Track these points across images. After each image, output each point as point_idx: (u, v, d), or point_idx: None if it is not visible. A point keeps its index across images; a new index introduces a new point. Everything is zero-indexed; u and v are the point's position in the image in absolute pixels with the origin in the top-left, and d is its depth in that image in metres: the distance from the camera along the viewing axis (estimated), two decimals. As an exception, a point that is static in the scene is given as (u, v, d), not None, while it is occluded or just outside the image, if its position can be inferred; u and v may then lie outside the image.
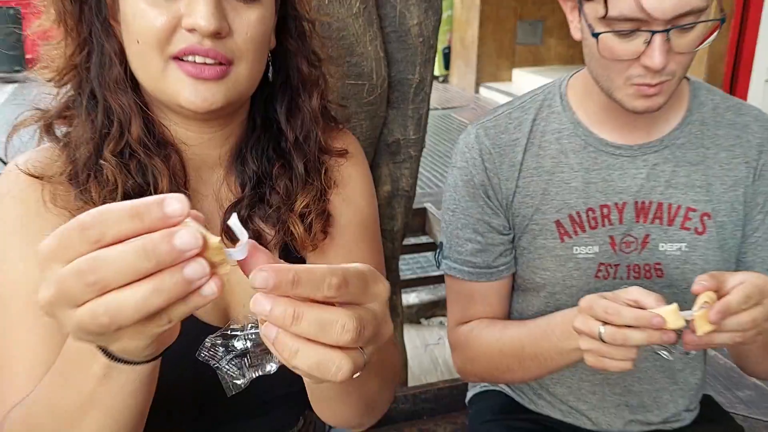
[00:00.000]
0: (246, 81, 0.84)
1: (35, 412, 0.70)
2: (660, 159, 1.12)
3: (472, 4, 8.45)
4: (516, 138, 1.16)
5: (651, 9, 0.90)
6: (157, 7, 0.78)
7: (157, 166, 0.86)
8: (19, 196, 0.84)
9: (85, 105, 0.86)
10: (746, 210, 1.14)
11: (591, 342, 0.91)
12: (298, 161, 0.94)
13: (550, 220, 1.14)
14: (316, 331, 0.49)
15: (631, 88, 0.99)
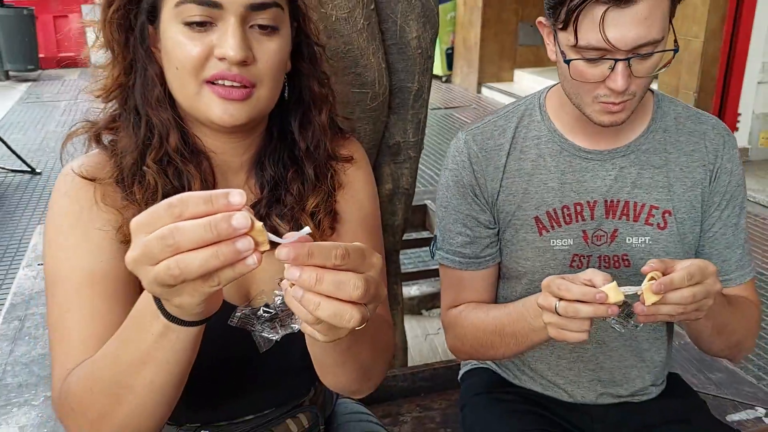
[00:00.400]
0: (266, 101, 0.97)
1: (99, 366, 0.83)
2: (627, 162, 1.26)
3: (475, 6, 8.54)
4: (500, 143, 1.31)
5: (614, 41, 1.04)
6: (193, 40, 0.90)
7: (191, 171, 0.99)
8: (75, 196, 0.97)
9: (131, 120, 0.98)
10: (704, 208, 1.28)
11: (551, 316, 1.04)
12: (309, 167, 1.07)
13: (530, 216, 1.28)
14: (333, 289, 0.63)
15: (598, 105, 1.13)
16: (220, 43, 0.90)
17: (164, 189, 0.96)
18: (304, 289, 0.64)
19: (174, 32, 0.92)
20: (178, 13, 0.90)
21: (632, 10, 1.02)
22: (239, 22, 0.90)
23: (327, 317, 0.64)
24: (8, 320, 2.11)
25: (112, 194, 0.97)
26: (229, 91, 0.92)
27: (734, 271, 1.30)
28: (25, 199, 4.96)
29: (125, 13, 0.95)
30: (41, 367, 1.89)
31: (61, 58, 9.93)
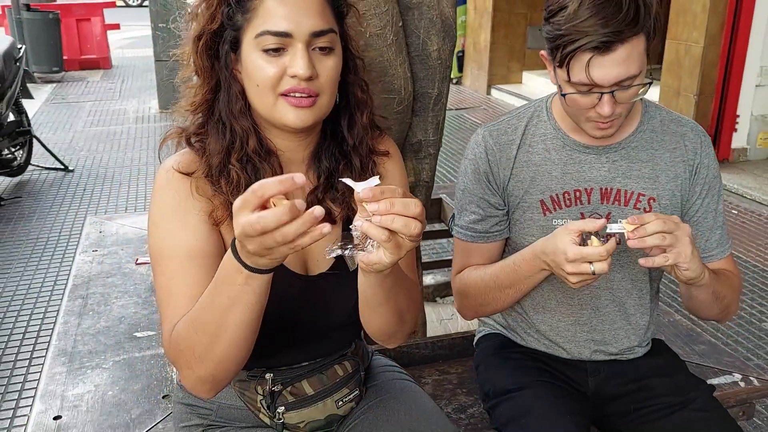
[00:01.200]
0: (326, 107, 1.20)
1: (200, 313, 1.07)
2: (619, 157, 1.51)
3: (485, 11, 8.75)
4: (512, 138, 1.55)
5: (598, 80, 1.29)
6: (270, 63, 1.13)
7: (265, 167, 1.21)
8: (174, 188, 1.19)
9: (218, 127, 1.21)
10: (684, 197, 1.52)
11: (582, 276, 1.27)
12: (356, 160, 1.29)
13: (536, 200, 1.53)
14: (402, 208, 0.90)
15: (591, 123, 1.39)
16: (292, 64, 1.13)
17: (246, 182, 1.17)
18: (381, 214, 0.91)
19: (254, 57, 1.14)
20: (257, 43, 1.13)
21: (613, 55, 1.27)
22: (305, 47, 1.13)
23: (399, 227, 0.90)
24: (72, 298, 2.37)
25: (204, 186, 1.19)
26: (299, 100, 1.15)
27: (716, 248, 1.55)
28: (60, 194, 5.23)
29: (212, 44, 1.18)
30: (107, 336, 2.15)
31: (84, 60, 10.24)
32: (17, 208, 4.94)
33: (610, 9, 1.25)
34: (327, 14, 1.17)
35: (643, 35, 1.29)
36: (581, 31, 1.26)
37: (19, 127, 5.24)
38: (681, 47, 5.29)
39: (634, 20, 1.26)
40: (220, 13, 1.16)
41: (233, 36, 1.17)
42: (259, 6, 1.14)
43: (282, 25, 1.12)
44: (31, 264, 4.08)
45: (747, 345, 3.22)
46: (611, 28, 1.25)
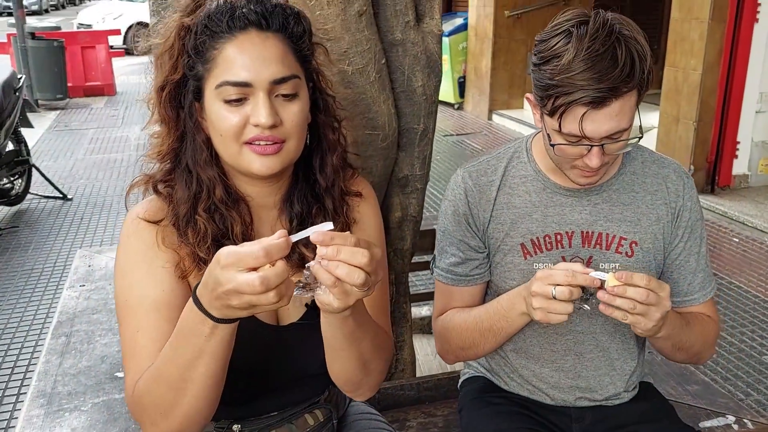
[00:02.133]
0: (293, 152, 1.18)
1: (162, 366, 1.04)
2: (600, 200, 1.48)
3: (485, 37, 8.80)
4: (492, 180, 1.53)
5: (590, 134, 1.27)
6: (232, 113, 1.12)
7: (233, 216, 1.20)
8: (141, 237, 1.18)
9: (184, 176, 1.20)
10: (666, 240, 1.49)
11: (542, 301, 1.25)
12: (328, 202, 1.27)
13: (517, 243, 1.50)
14: (348, 256, 0.91)
15: (576, 170, 1.36)
16: (254, 113, 1.11)
17: (213, 232, 1.17)
18: (328, 259, 0.92)
19: (216, 108, 1.13)
20: (218, 94, 1.12)
21: (606, 110, 1.24)
22: (266, 95, 1.11)
23: (342, 275, 0.91)
24: (56, 336, 2.35)
25: (170, 236, 1.18)
26: (264, 148, 1.13)
27: (698, 291, 1.51)
28: (58, 224, 5.22)
29: (175, 95, 1.17)
30: (87, 377, 2.12)
31: (88, 87, 10.32)
32: (14, 237, 4.94)
33: (606, 63, 1.22)
34: (289, 60, 1.15)
35: (636, 89, 1.26)
36: (575, 84, 1.23)
37: (17, 156, 5.26)
38: (679, 74, 5.27)
39: (630, 75, 1.23)
40: (182, 64, 1.15)
41: (195, 86, 1.16)
42: (218, 56, 1.12)
43: (241, 75, 1.10)
44: (24, 296, 4.05)
45: (747, 379, 3.16)
46: (607, 83, 1.22)
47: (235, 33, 1.12)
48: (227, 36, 1.12)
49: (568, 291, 1.23)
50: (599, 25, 1.25)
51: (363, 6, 1.81)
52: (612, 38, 1.23)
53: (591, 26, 1.25)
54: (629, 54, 1.23)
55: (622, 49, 1.23)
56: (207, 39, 1.13)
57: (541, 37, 1.33)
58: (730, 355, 3.34)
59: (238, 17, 1.12)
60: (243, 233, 1.22)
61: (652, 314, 1.23)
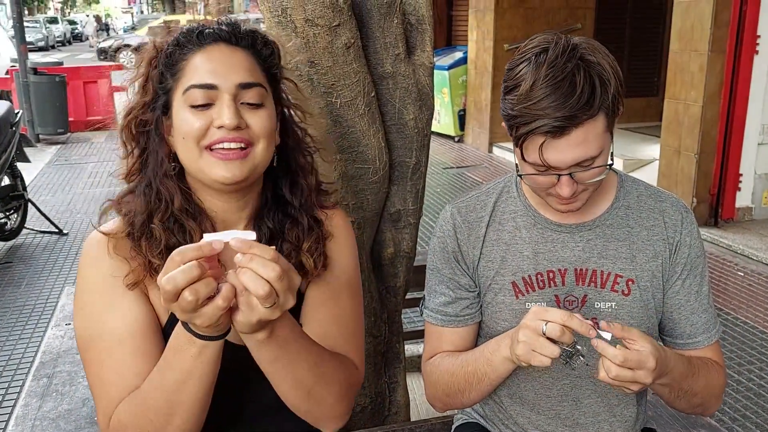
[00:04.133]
0: (261, 158, 1.15)
1: (148, 393, 1.04)
2: (593, 235, 1.41)
3: (485, 71, 8.83)
4: (481, 216, 1.47)
5: (553, 163, 1.21)
6: (196, 116, 1.11)
7: (192, 226, 1.17)
8: (94, 259, 1.16)
9: (143, 189, 1.18)
10: (665, 277, 1.42)
11: (530, 335, 1.18)
12: (302, 218, 1.26)
13: (508, 281, 1.43)
14: (259, 266, 0.90)
15: (552, 198, 1.31)
16: (218, 115, 1.11)
17: (168, 242, 1.15)
18: (240, 266, 0.91)
19: (182, 113, 1.13)
20: (185, 99, 1.12)
21: (567, 139, 1.18)
22: (231, 98, 1.11)
23: (247, 281, 0.91)
24: (37, 377, 2.27)
25: (122, 246, 1.16)
26: (227, 153, 1.11)
27: (701, 333, 1.43)
28: (52, 260, 5.16)
29: (141, 114, 1.18)
30: (67, 422, 2.04)
31: (90, 122, 10.35)
32: (7, 273, 4.87)
33: (564, 90, 1.16)
34: (255, 71, 1.17)
35: (602, 115, 1.20)
36: (533, 114, 1.18)
37: (13, 191, 5.23)
38: (680, 106, 5.24)
39: (589, 103, 1.17)
40: (151, 85, 1.17)
41: (164, 101, 1.17)
42: (186, 65, 1.14)
43: (207, 78, 1.12)
44: (14, 333, 3.98)
45: (755, 420, 3.05)
46: (564, 111, 1.16)
47: (205, 45, 1.15)
48: (196, 48, 1.15)
49: (560, 329, 1.16)
50: (560, 51, 1.20)
51: (351, 38, 1.77)
52: (572, 64, 1.18)
53: (551, 53, 1.20)
54: (589, 80, 1.18)
55: (581, 75, 1.18)
56: (177, 51, 1.15)
57: (509, 65, 1.28)
58: (737, 395, 3.23)
59: (207, 33, 1.16)
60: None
61: (630, 387, 1.18)
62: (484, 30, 8.75)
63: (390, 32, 1.87)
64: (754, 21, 4.90)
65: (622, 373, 1.14)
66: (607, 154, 1.25)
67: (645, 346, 1.16)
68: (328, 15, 1.70)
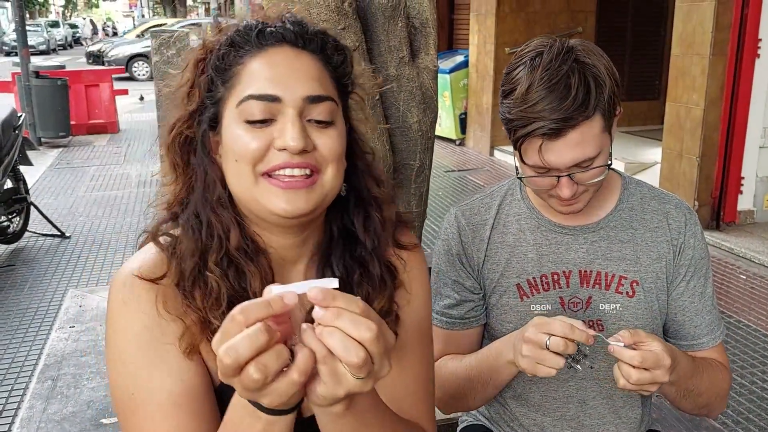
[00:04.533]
0: (330, 187, 0.95)
1: None
2: (597, 237, 1.42)
3: (486, 75, 8.84)
4: (485, 219, 1.47)
5: (552, 164, 1.23)
6: (253, 133, 0.92)
7: (251, 270, 0.96)
8: (139, 307, 0.95)
9: (191, 223, 0.97)
10: (669, 279, 1.42)
11: (532, 349, 1.17)
12: (374, 267, 1.04)
13: (512, 284, 1.44)
14: (349, 325, 0.69)
15: (554, 199, 1.32)
16: (281, 135, 0.91)
17: (228, 292, 0.95)
18: (323, 324, 0.70)
19: (234, 130, 0.93)
20: (240, 113, 0.93)
21: (564, 140, 1.20)
22: (297, 114, 0.92)
23: (337, 346, 0.69)
24: (42, 380, 2.28)
25: (173, 299, 0.95)
26: (289, 182, 0.92)
27: (705, 335, 1.43)
28: (54, 262, 5.16)
29: (187, 136, 0.99)
30: (72, 424, 2.04)
31: (91, 125, 10.37)
32: (9, 276, 4.88)
33: (559, 93, 1.18)
34: (325, 82, 0.97)
35: (599, 115, 1.22)
36: (530, 117, 1.20)
37: (15, 194, 5.24)
38: (681, 109, 5.25)
39: (584, 104, 1.19)
40: (198, 93, 0.98)
41: (212, 113, 0.97)
42: (242, 71, 0.95)
43: (268, 87, 0.92)
44: (17, 336, 3.98)
45: (759, 423, 3.04)
46: (560, 113, 1.18)
47: (266, 47, 0.95)
48: (255, 50, 0.95)
49: (563, 343, 1.16)
50: (554, 54, 1.22)
51: (355, 41, 1.78)
52: (566, 67, 1.20)
53: (545, 56, 1.22)
54: (583, 82, 1.19)
55: (576, 77, 1.19)
56: (231, 53, 0.96)
57: (506, 69, 1.30)
58: (740, 397, 3.23)
59: (269, 33, 0.96)
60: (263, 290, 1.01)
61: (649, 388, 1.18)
62: (486, 34, 8.77)
63: (394, 35, 1.88)
64: (756, 24, 4.91)
65: (641, 375, 1.14)
66: (606, 155, 1.26)
67: (655, 345, 1.17)
68: (333, 18, 1.72)
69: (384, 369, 0.73)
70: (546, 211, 1.44)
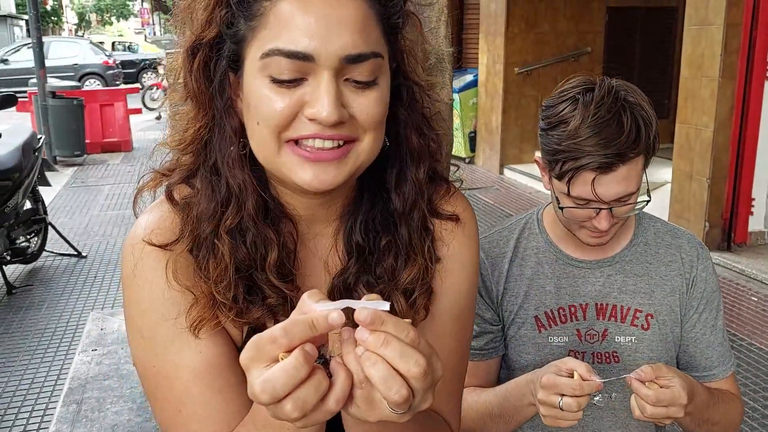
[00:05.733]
0: (367, 155, 0.83)
1: None
2: (613, 271, 1.47)
3: (495, 94, 8.91)
4: (504, 252, 1.52)
5: (600, 196, 1.28)
6: (280, 95, 0.78)
7: (270, 237, 0.86)
8: (152, 276, 0.86)
9: (210, 179, 0.86)
10: (682, 311, 1.46)
11: (550, 410, 1.22)
12: (403, 232, 0.91)
13: (531, 316, 1.48)
14: (396, 355, 0.62)
15: (584, 230, 1.36)
16: (312, 101, 0.77)
17: (238, 262, 0.85)
18: (367, 349, 0.63)
19: (259, 86, 0.79)
20: (264, 66, 0.78)
21: (614, 174, 1.26)
22: (333, 77, 0.77)
23: (376, 377, 0.63)
24: (67, 404, 2.33)
25: (184, 268, 0.86)
26: (317, 153, 0.79)
27: (717, 366, 1.47)
28: (71, 283, 5.23)
29: (208, 62, 0.84)
30: (97, 447, 2.09)
31: (106, 144, 10.51)
32: (28, 296, 4.95)
33: (612, 129, 1.24)
34: (370, 29, 0.80)
35: (644, 153, 1.29)
36: (582, 150, 1.25)
37: (34, 214, 5.33)
38: (691, 131, 5.29)
39: (636, 142, 1.25)
40: (217, 17, 0.82)
41: (233, 50, 0.83)
42: (269, 11, 0.78)
43: (301, 42, 0.76)
44: (36, 357, 4.03)
45: (772, 447, 3.06)
46: (613, 149, 1.24)
47: None
48: None
49: (576, 404, 1.20)
50: (605, 92, 1.28)
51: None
52: (617, 105, 1.26)
53: (597, 93, 1.28)
54: (635, 120, 1.26)
55: (628, 115, 1.26)
56: None
57: (548, 102, 1.36)
58: (753, 422, 3.24)
59: None
60: (282, 264, 0.88)
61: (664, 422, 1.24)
62: (495, 54, 8.85)
63: (413, 71, 1.94)
64: (764, 48, 4.96)
65: (656, 411, 1.19)
66: (640, 191, 1.33)
67: (675, 381, 1.21)
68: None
69: (425, 403, 0.67)
70: (563, 244, 1.49)
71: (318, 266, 0.94)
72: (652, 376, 1.22)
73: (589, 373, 1.21)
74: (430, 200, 0.94)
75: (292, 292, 0.87)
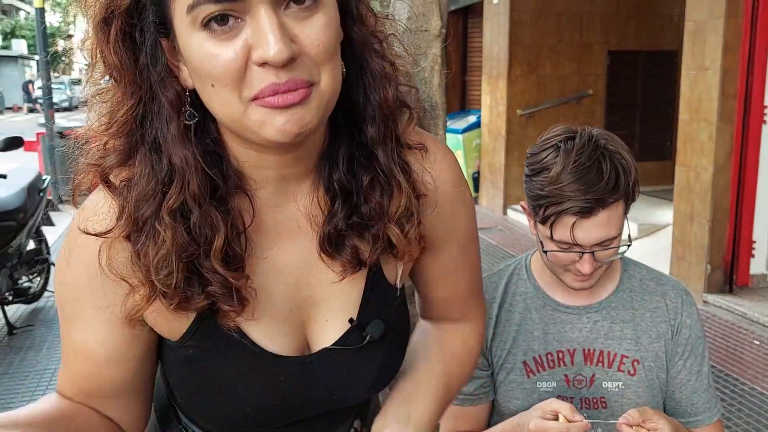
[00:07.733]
0: (330, 92, 0.77)
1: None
2: (599, 317, 1.49)
3: (498, 135, 9.00)
4: (493, 297, 1.54)
5: (581, 241, 1.32)
6: (221, 47, 0.71)
7: (216, 219, 0.81)
8: (79, 262, 0.84)
9: (150, 158, 0.80)
10: (668, 357, 1.48)
11: None
12: (383, 160, 0.86)
13: (519, 361, 1.49)
14: None
15: (571, 275, 1.40)
16: (256, 43, 0.71)
17: (178, 245, 0.79)
18: None
19: (196, 43, 0.73)
20: (194, 20, 0.72)
21: (594, 219, 1.31)
22: (271, 8, 0.71)
23: None
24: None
25: (121, 254, 0.82)
26: (283, 98, 0.73)
27: (702, 412, 1.48)
28: (72, 322, 5.25)
29: (129, 31, 0.77)
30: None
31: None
32: (28, 337, 4.95)
33: (592, 176, 1.29)
34: None
35: (623, 199, 1.33)
36: (564, 195, 1.30)
37: (38, 255, 5.36)
38: (691, 173, 5.32)
39: (615, 188, 1.30)
40: None
41: (156, 12, 0.75)
42: None
43: None
44: (35, 398, 4.02)
45: (775, 494, 3.01)
46: (593, 195, 1.29)
47: None
48: None
49: None
50: (585, 140, 1.33)
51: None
52: (597, 153, 1.31)
53: (578, 141, 1.33)
54: (614, 167, 1.31)
55: (607, 162, 1.31)
56: None
57: (532, 150, 1.41)
58: (755, 467, 3.20)
59: None
60: (230, 247, 0.83)
61: None
62: (498, 96, 8.96)
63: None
64: (761, 92, 5.01)
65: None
66: (622, 236, 1.36)
67: (662, 424, 1.25)
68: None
69: None
70: (551, 290, 1.51)
71: (294, 229, 0.90)
72: (639, 420, 1.24)
73: (573, 413, 1.23)
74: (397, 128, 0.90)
75: (238, 281, 0.84)
